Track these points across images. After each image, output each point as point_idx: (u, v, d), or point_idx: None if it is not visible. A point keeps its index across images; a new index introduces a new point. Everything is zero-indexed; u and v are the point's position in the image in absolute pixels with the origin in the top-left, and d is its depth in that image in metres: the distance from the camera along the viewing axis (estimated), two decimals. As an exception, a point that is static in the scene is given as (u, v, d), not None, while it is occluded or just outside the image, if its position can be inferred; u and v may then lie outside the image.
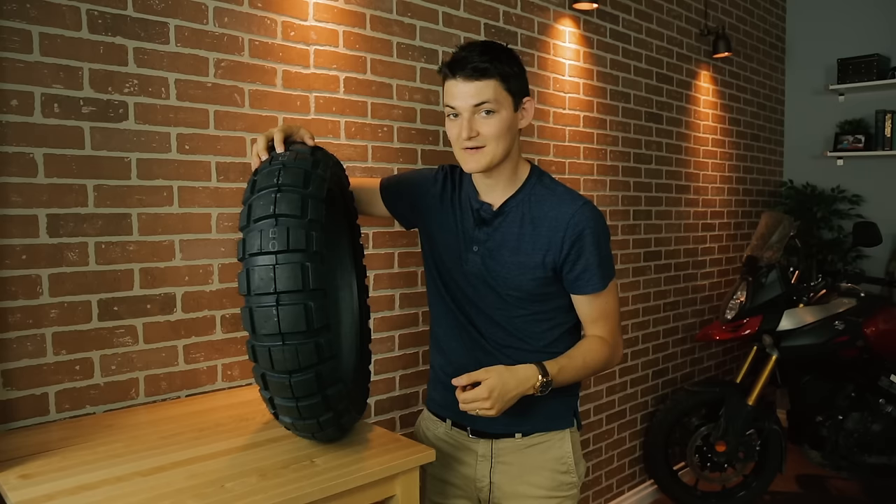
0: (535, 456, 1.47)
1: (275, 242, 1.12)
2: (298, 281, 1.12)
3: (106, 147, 1.49)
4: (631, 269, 3.06)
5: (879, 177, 4.03)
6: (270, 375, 1.16)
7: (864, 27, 4.05)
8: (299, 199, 1.16)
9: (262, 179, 1.19)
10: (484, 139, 1.33)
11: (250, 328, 1.14)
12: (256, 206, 1.16)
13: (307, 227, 1.14)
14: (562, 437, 1.49)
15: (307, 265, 1.13)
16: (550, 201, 1.40)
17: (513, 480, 1.48)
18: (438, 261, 1.51)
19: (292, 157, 1.23)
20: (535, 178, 1.44)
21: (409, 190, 1.57)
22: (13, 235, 1.38)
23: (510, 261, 1.40)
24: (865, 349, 2.90)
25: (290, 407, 1.20)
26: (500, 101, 1.32)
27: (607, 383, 2.96)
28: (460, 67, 1.31)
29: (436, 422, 1.58)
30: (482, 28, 2.32)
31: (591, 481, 2.90)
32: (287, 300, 1.11)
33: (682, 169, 3.37)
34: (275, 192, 1.16)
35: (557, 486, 1.48)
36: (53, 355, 1.44)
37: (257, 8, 1.73)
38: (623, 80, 2.96)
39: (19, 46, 1.37)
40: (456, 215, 1.48)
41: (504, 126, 1.33)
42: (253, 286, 1.12)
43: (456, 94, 1.32)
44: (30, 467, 1.19)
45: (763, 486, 3.11)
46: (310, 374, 1.16)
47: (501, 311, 1.44)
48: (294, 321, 1.12)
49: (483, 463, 1.49)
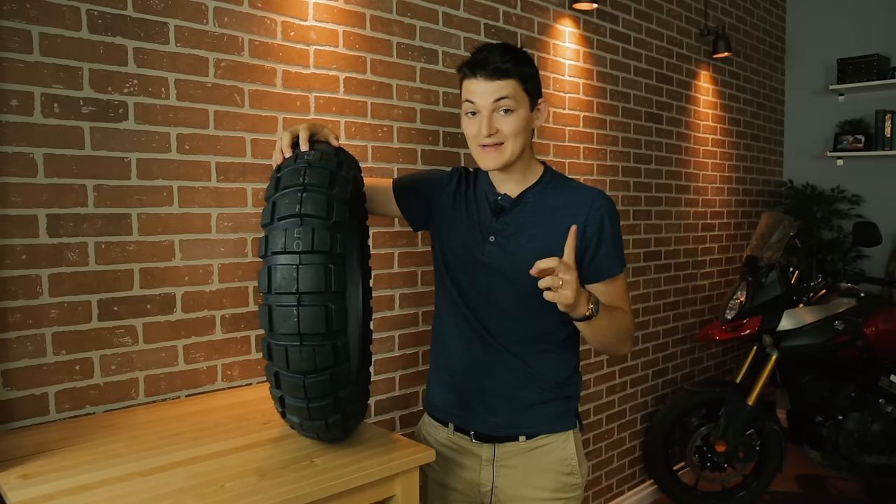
0: (538, 458, 1.47)
1: (299, 242, 1.12)
2: (321, 282, 1.12)
3: (106, 147, 1.49)
4: (631, 269, 3.05)
5: (879, 177, 4.03)
6: (284, 375, 1.16)
7: (864, 27, 4.05)
8: (325, 200, 1.16)
9: (287, 177, 1.19)
10: (503, 136, 1.36)
11: (268, 326, 1.14)
12: (281, 204, 1.15)
13: (332, 228, 1.14)
14: (565, 439, 1.48)
15: (330, 267, 1.13)
16: (567, 192, 1.46)
17: (517, 484, 1.47)
18: (449, 259, 1.51)
19: (318, 157, 1.23)
20: (550, 174, 1.49)
21: (423, 190, 1.57)
22: (13, 235, 1.38)
23: (528, 248, 1.41)
24: (865, 349, 2.90)
25: (300, 407, 1.19)
26: (518, 99, 1.36)
27: (607, 383, 2.96)
28: (481, 67, 1.34)
29: (437, 426, 1.56)
30: (482, 28, 2.32)
31: (591, 481, 2.90)
32: (308, 301, 1.11)
33: (681, 169, 3.37)
34: (300, 191, 1.16)
35: (562, 487, 1.47)
36: (53, 355, 1.44)
37: (257, 8, 1.73)
38: (623, 80, 2.96)
39: (19, 46, 1.37)
40: (471, 210, 1.50)
41: (522, 124, 1.37)
42: (274, 284, 1.12)
43: (476, 91, 1.35)
44: (30, 467, 1.19)
45: (763, 486, 3.11)
46: (324, 376, 1.15)
47: (517, 302, 1.43)
48: (314, 322, 1.12)
49: (486, 467, 1.49)
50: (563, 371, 1.49)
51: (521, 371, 1.46)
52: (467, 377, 1.49)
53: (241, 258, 1.73)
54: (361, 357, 1.52)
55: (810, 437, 3.05)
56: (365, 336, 1.54)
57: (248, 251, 1.74)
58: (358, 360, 1.51)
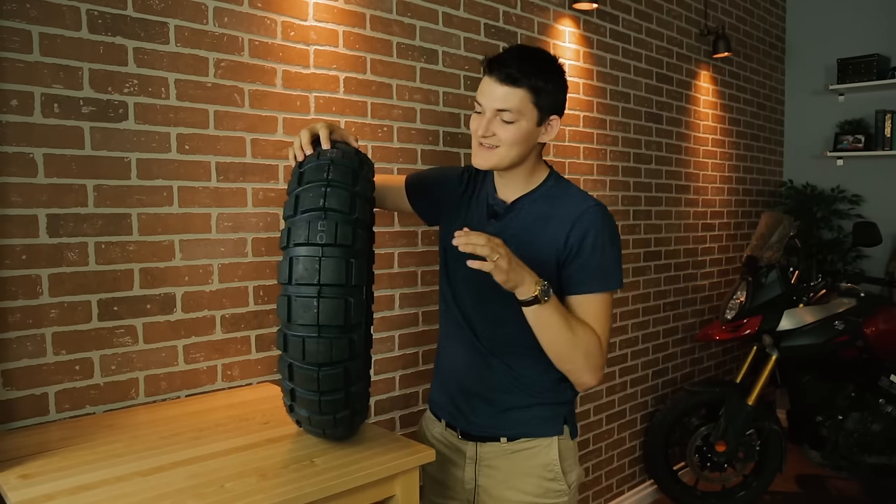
0: (520, 462, 1.46)
1: (322, 235, 1.13)
2: (342, 275, 1.13)
3: (106, 147, 1.49)
4: (631, 269, 3.05)
5: (879, 177, 4.03)
6: (298, 366, 1.17)
7: (864, 27, 4.05)
8: (348, 196, 1.17)
9: (311, 173, 1.20)
10: (498, 140, 1.35)
11: (286, 317, 1.14)
12: (305, 198, 1.17)
13: (354, 223, 1.16)
14: (548, 444, 1.45)
15: (351, 261, 1.14)
16: (562, 200, 1.42)
17: (499, 485, 1.47)
18: (449, 258, 1.52)
19: (339, 155, 1.24)
20: (553, 181, 1.46)
21: (434, 188, 1.58)
22: (13, 235, 1.38)
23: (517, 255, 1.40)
24: (865, 349, 2.90)
25: (311, 400, 1.20)
26: (523, 111, 1.33)
27: (607, 383, 2.96)
28: (496, 68, 1.32)
29: (434, 421, 1.58)
30: (482, 28, 2.32)
31: (591, 481, 2.90)
32: (328, 293, 1.13)
33: (681, 169, 3.37)
34: (325, 186, 1.17)
35: (544, 492, 1.46)
36: (53, 355, 1.44)
37: (257, 8, 1.73)
38: (623, 80, 2.96)
39: (19, 46, 1.37)
40: (472, 212, 1.50)
41: (521, 135, 1.34)
42: (296, 275, 1.13)
43: (484, 91, 1.35)
44: (30, 467, 1.19)
45: (763, 486, 3.11)
46: (339, 369, 1.17)
47: (502, 307, 1.42)
48: (333, 314, 1.13)
49: (470, 465, 1.50)
50: (547, 377, 1.44)
51: (504, 374, 1.45)
52: (454, 376, 1.52)
53: (241, 258, 1.73)
54: (364, 358, 1.52)
55: (810, 437, 3.05)
56: (366, 338, 1.55)
57: (248, 251, 1.74)
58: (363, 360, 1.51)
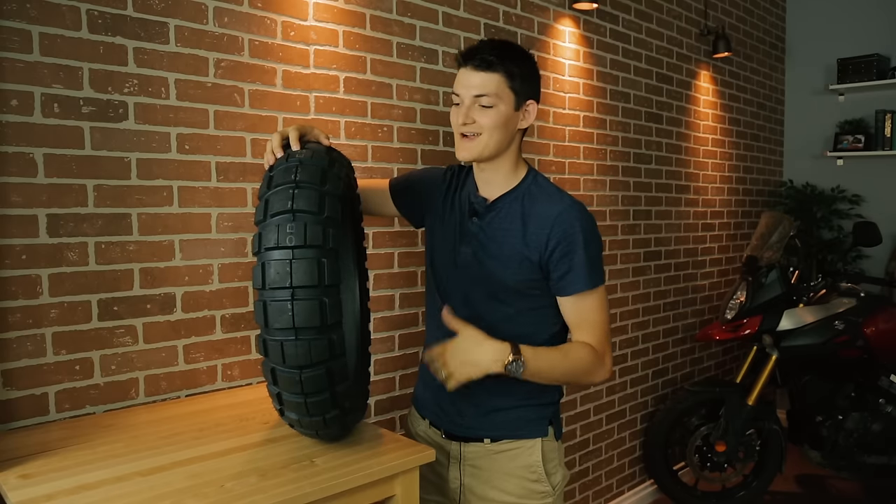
0: (503, 462, 1.46)
1: (292, 237, 1.13)
2: (314, 276, 1.12)
3: (106, 147, 1.49)
4: (631, 269, 3.06)
5: (879, 177, 4.02)
6: (280, 370, 1.17)
7: (864, 27, 4.05)
8: (317, 196, 1.17)
9: (279, 176, 1.20)
10: (479, 127, 1.37)
11: (263, 322, 1.14)
12: (274, 202, 1.16)
13: (324, 223, 1.15)
14: (532, 446, 1.46)
15: (323, 261, 1.14)
16: (541, 200, 1.43)
17: (483, 485, 1.48)
18: (434, 257, 1.53)
19: (309, 155, 1.24)
20: (531, 179, 1.46)
21: (418, 188, 1.59)
22: (13, 235, 1.38)
23: (497, 254, 1.41)
24: (865, 349, 2.90)
25: (298, 403, 1.20)
26: (500, 96, 1.36)
27: (607, 383, 2.95)
28: (470, 57, 1.36)
29: (418, 419, 1.59)
30: (482, 28, 2.32)
31: (591, 481, 2.91)
32: (302, 295, 1.12)
33: (681, 169, 3.37)
34: (292, 188, 1.17)
35: (528, 493, 1.46)
36: (53, 355, 1.44)
37: (257, 8, 1.73)
38: (623, 80, 2.96)
39: (19, 46, 1.37)
40: (455, 210, 1.50)
41: (500, 119, 1.37)
42: (268, 280, 1.13)
43: (461, 81, 1.38)
44: (30, 467, 1.19)
45: (763, 486, 3.11)
46: (320, 370, 1.16)
47: (487, 307, 1.43)
48: (308, 316, 1.12)
49: (455, 465, 1.50)
50: None
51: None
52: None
53: (241, 258, 1.73)
54: (359, 356, 1.52)
55: (810, 437, 3.05)
56: (363, 336, 1.55)
57: (247, 251, 1.74)
58: (356, 359, 1.51)
